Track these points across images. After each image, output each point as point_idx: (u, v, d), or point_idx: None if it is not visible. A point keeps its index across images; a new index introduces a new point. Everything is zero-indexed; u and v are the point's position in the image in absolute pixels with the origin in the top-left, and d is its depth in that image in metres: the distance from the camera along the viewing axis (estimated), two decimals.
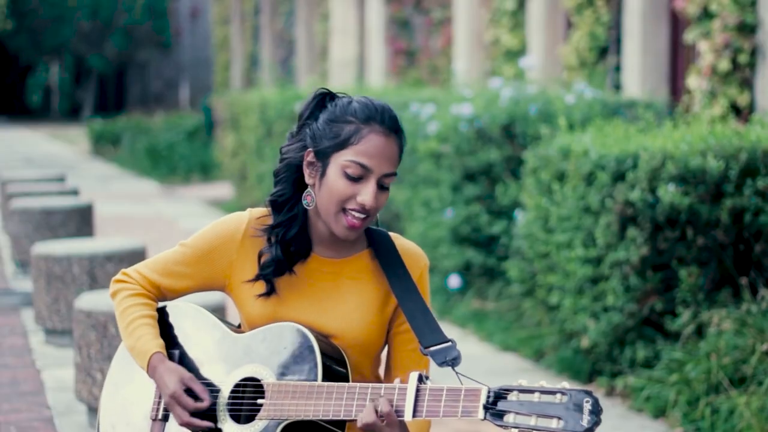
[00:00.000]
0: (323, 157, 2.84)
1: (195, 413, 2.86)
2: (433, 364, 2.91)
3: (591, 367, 6.43)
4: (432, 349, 2.81)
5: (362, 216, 2.82)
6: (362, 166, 2.80)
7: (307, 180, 2.88)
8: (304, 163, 2.88)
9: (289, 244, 2.91)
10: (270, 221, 2.94)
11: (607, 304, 6.09)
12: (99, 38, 35.95)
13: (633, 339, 6.08)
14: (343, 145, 2.82)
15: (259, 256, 2.93)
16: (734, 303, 5.78)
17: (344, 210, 2.82)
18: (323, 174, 2.84)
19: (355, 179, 2.81)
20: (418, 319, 2.86)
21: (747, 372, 5.41)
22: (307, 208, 2.89)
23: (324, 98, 2.92)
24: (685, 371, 5.59)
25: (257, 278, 2.93)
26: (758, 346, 5.42)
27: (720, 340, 5.56)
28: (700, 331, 5.82)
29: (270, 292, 2.92)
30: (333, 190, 2.82)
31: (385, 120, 2.83)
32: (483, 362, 7.00)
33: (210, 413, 2.89)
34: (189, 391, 2.88)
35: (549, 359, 6.78)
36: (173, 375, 2.88)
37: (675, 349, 5.82)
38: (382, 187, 2.84)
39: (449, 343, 2.82)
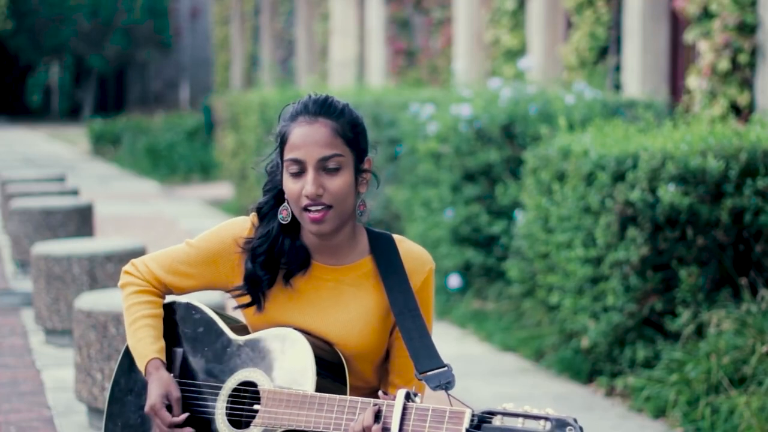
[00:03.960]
0: (280, 167, 2.90)
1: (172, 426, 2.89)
2: None
3: (591, 367, 6.43)
4: (426, 374, 2.81)
5: (319, 207, 2.82)
6: (295, 160, 2.83)
7: (285, 195, 2.90)
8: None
9: (272, 257, 2.91)
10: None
11: (607, 304, 6.09)
12: (99, 38, 35.92)
13: (633, 339, 6.08)
14: (282, 149, 2.87)
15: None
16: (734, 303, 5.79)
17: (304, 209, 2.84)
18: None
19: (297, 175, 2.83)
20: (415, 341, 2.85)
21: (747, 372, 5.41)
22: (283, 222, 2.90)
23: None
24: (685, 371, 5.59)
25: (236, 290, 2.95)
26: (758, 346, 5.42)
27: (720, 340, 5.56)
28: (700, 331, 5.82)
29: (252, 304, 2.94)
30: (287, 192, 2.86)
31: (309, 108, 2.85)
32: (483, 362, 7.00)
33: (206, 417, 2.91)
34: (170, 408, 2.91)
35: (549, 359, 6.78)
36: (160, 388, 2.90)
37: (675, 349, 5.82)
38: (328, 172, 2.82)
39: (444, 368, 2.82)
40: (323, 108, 2.85)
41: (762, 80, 7.91)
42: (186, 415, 2.89)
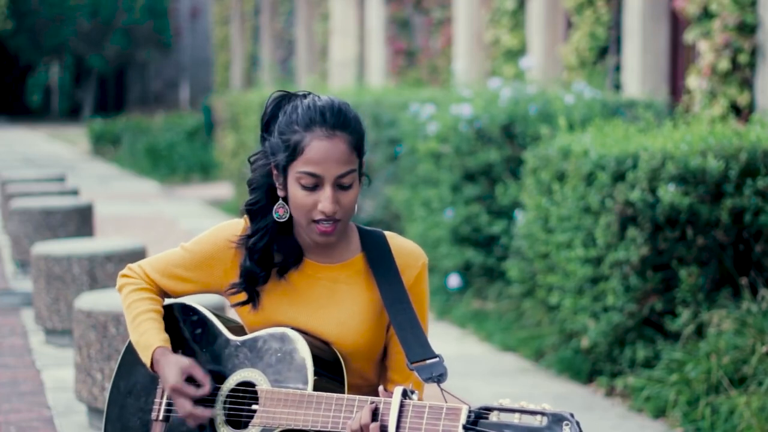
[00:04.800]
0: (282, 170, 2.84)
1: (197, 402, 2.87)
2: None
3: (591, 367, 6.43)
4: (418, 364, 2.81)
5: (331, 221, 2.81)
6: (312, 174, 2.78)
7: (279, 192, 2.87)
8: (273, 175, 2.88)
9: (269, 254, 2.90)
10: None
11: (607, 304, 6.09)
12: (99, 38, 35.93)
13: (633, 339, 6.08)
14: (293, 156, 2.80)
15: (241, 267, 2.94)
16: (734, 303, 5.79)
17: (313, 220, 2.82)
18: (286, 186, 2.84)
19: (311, 188, 2.80)
20: (407, 332, 2.85)
21: (747, 372, 5.41)
22: (279, 220, 2.88)
23: (280, 103, 2.90)
24: (685, 371, 5.59)
25: (233, 287, 2.93)
26: (758, 346, 5.42)
27: (720, 340, 5.56)
28: (700, 331, 5.82)
29: (248, 302, 2.92)
30: (296, 202, 2.82)
31: (327, 120, 2.79)
32: (483, 362, 7.00)
33: (211, 404, 2.90)
34: (190, 380, 2.89)
35: (549, 359, 6.78)
36: (174, 366, 2.89)
37: (675, 349, 5.82)
38: (342, 187, 2.81)
39: (436, 359, 2.81)
40: (340, 120, 2.80)
41: (762, 80, 7.91)
42: (210, 387, 2.86)
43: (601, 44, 10.13)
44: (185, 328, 3.02)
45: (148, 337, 2.94)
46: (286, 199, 2.87)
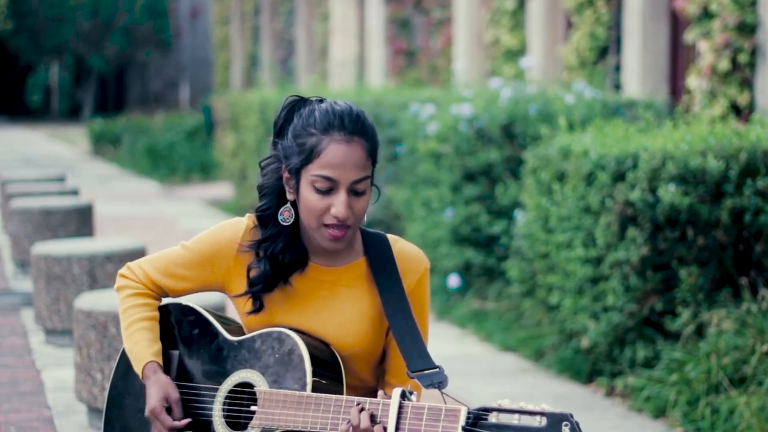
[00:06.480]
0: (295, 172, 2.83)
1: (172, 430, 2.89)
2: None
3: (591, 367, 6.43)
4: (418, 374, 2.81)
5: (342, 227, 2.81)
6: (328, 178, 2.78)
7: (288, 196, 2.87)
8: (283, 178, 2.87)
9: (280, 257, 2.90)
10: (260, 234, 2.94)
11: (607, 304, 6.09)
12: (99, 38, 35.92)
13: (633, 339, 6.08)
14: (308, 159, 2.80)
15: (248, 271, 2.93)
16: (734, 303, 5.79)
17: (324, 225, 2.81)
18: (298, 189, 2.83)
19: (325, 192, 2.79)
20: (407, 341, 2.85)
21: (747, 372, 5.41)
22: (285, 224, 2.87)
23: (294, 107, 2.89)
24: (685, 371, 5.59)
25: (246, 294, 2.93)
26: (758, 346, 5.42)
27: (720, 340, 5.56)
28: (700, 331, 5.82)
29: (258, 309, 2.92)
30: (307, 205, 2.81)
31: (345, 125, 2.79)
32: (483, 362, 7.00)
33: (203, 419, 2.90)
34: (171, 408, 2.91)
35: (549, 359, 6.78)
36: (159, 391, 2.90)
37: (675, 349, 5.82)
38: (356, 193, 2.81)
39: (436, 370, 2.81)
40: (358, 126, 2.81)
41: (762, 80, 7.91)
42: (188, 420, 2.89)
43: (601, 44, 10.13)
44: (183, 328, 3.01)
45: (140, 349, 2.94)
46: (294, 204, 2.86)
